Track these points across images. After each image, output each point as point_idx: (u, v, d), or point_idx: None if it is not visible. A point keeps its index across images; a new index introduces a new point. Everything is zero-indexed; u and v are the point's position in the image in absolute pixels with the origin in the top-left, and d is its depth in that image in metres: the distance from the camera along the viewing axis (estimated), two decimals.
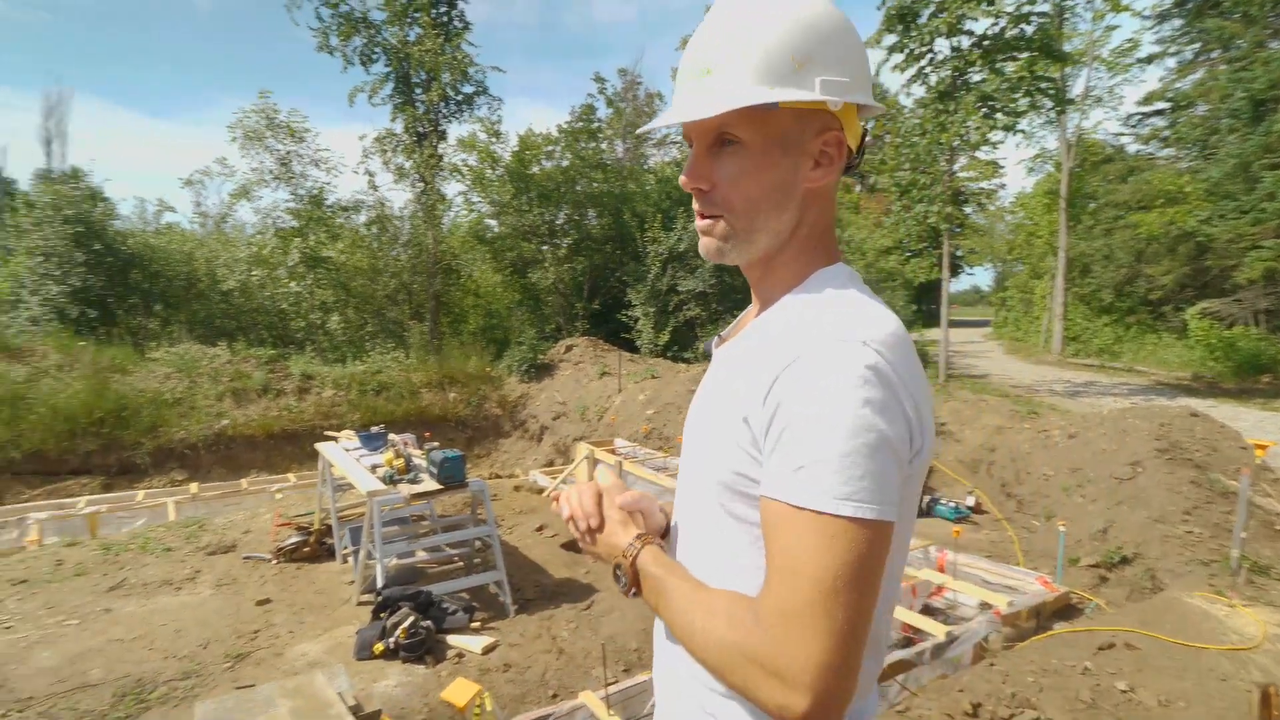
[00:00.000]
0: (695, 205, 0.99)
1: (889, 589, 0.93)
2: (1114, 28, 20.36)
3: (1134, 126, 23.51)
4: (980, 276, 73.85)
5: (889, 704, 3.67)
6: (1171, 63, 21.04)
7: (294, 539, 6.75)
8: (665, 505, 1.24)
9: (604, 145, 17.89)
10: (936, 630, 4.44)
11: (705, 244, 1.00)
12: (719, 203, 0.96)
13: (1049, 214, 24.01)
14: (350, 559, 6.38)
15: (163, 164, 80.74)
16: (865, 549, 0.78)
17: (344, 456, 6.36)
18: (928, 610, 5.28)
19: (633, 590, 1.00)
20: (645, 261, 16.08)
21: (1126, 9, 14.55)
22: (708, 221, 0.98)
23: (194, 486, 9.52)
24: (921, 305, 33.06)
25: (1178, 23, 20.15)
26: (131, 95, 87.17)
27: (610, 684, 3.75)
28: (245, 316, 16.71)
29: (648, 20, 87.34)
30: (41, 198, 14.82)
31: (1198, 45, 20.11)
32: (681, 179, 0.99)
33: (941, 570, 5.62)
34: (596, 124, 17.60)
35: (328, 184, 16.52)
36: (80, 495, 9.22)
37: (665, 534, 1.18)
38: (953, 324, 17.72)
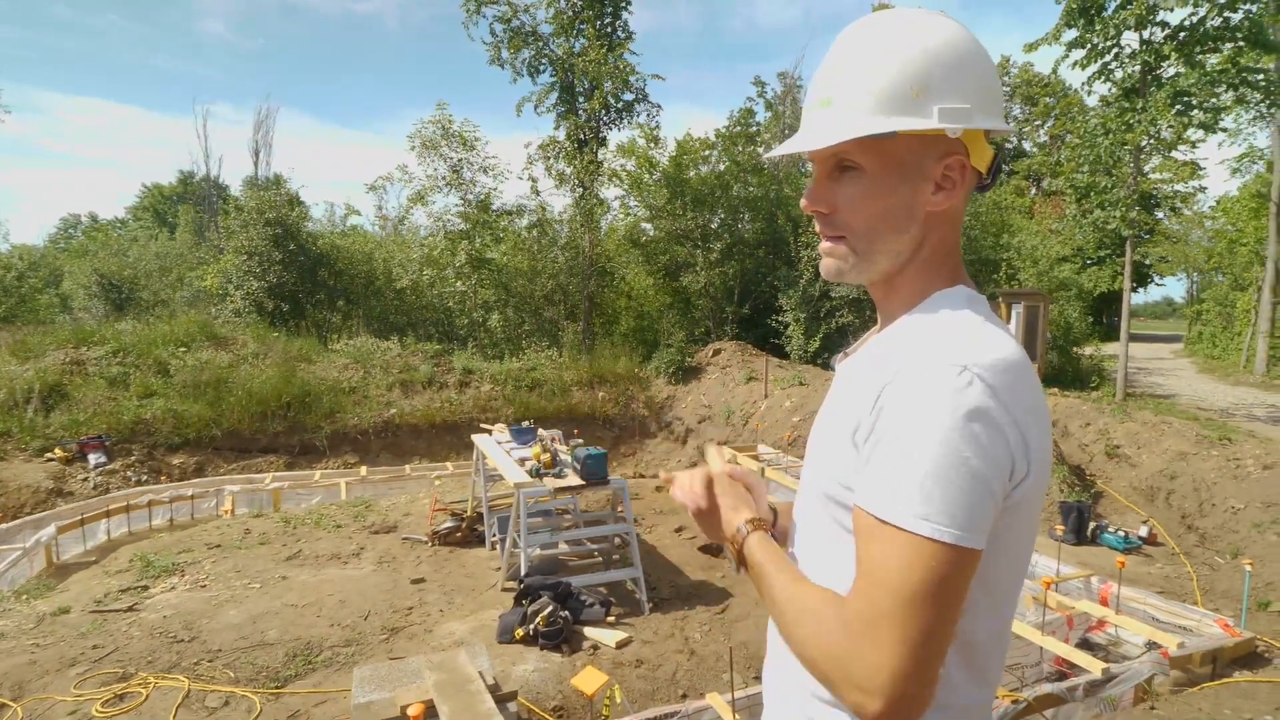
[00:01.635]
0: (817, 227, 1.03)
1: (1000, 613, 0.94)
2: None
3: None
4: (1172, 288, 66.83)
5: None
6: None
7: (448, 524, 7.06)
8: (775, 503, 1.29)
9: (761, 149, 17.63)
10: (1093, 666, 4.20)
11: (826, 265, 1.03)
12: (840, 225, 0.99)
13: (1256, 219, 21.56)
14: (498, 546, 6.59)
15: (350, 171, 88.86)
16: (943, 570, 0.80)
17: (496, 448, 6.60)
18: (1086, 644, 5.05)
19: (741, 570, 1.07)
20: (798, 266, 15.66)
21: None
22: (829, 244, 1.01)
23: (363, 469, 10.27)
24: (1102, 318, 30.47)
25: None
26: (326, 108, 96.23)
27: (738, 690, 3.70)
28: (415, 313, 17.92)
29: (813, 21, 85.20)
30: (248, 203, 16.64)
31: None
32: (802, 203, 1.02)
33: (1104, 603, 5.27)
34: (755, 128, 17.39)
35: (494, 189, 17.35)
36: (267, 472, 10.15)
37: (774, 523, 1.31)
38: (1138, 338, 16.02)
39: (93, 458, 9.39)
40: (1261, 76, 11.62)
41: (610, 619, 5.26)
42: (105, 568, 6.47)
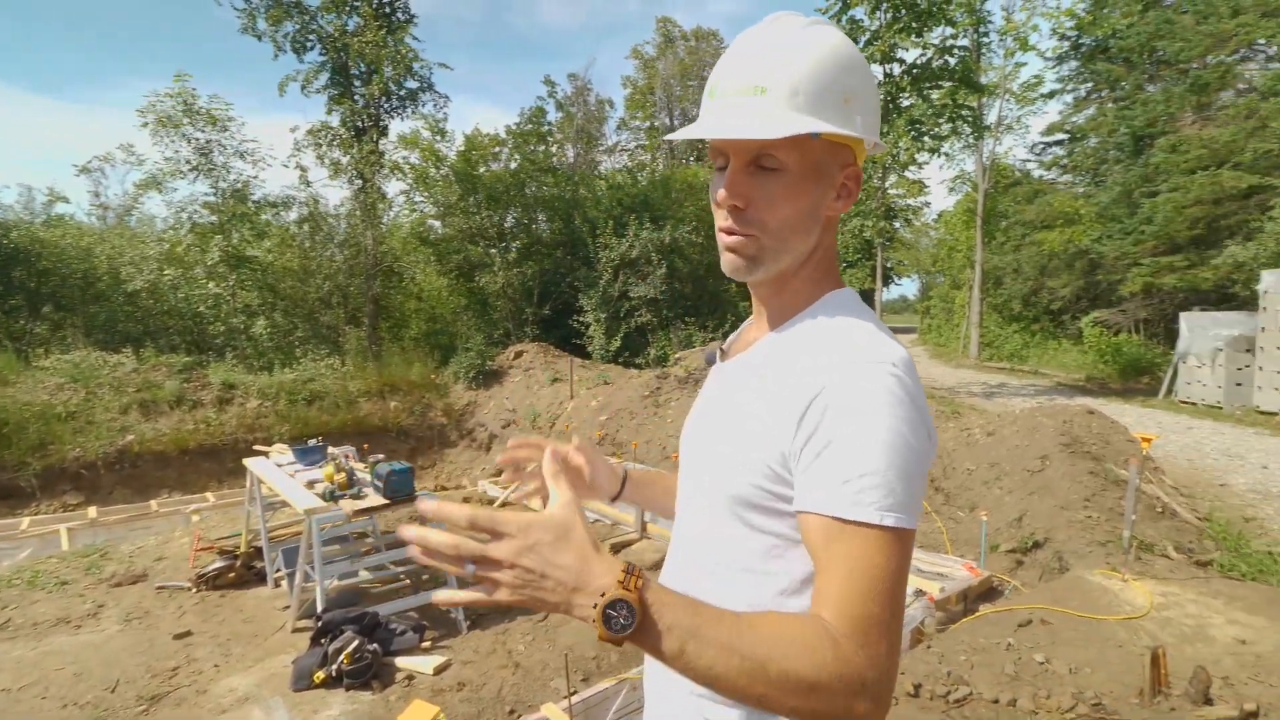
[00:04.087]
0: (724, 222, 0.98)
1: None
2: (1022, 65, 23.78)
3: (1038, 154, 26.15)
4: (907, 287, 77.54)
5: None
6: (1069, 98, 23.57)
7: (217, 564, 6.07)
8: (626, 469, 1.31)
9: (554, 149, 17.31)
10: None
11: (730, 260, 1.00)
12: (753, 221, 0.96)
13: (967, 230, 25.57)
14: (284, 583, 5.84)
15: (54, 149, 72.32)
16: (904, 555, 0.82)
17: (277, 472, 5.83)
18: None
19: (627, 632, 0.77)
20: (597, 267, 15.72)
21: (1032, 49, 17.18)
22: (738, 239, 0.98)
23: (92, 510, 8.63)
24: None
25: (1074, 64, 22.69)
26: (16, 71, 75.75)
27: (572, 694, 3.68)
28: (155, 320, 15.28)
29: (596, 24, 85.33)
30: None
31: (1090, 84, 22.77)
32: (719, 194, 0.96)
33: None
34: (546, 127, 17.11)
35: (254, 178, 15.14)
36: None
37: (619, 493, 1.29)
38: None
39: None
40: (970, 112, 14.04)
41: (425, 644, 4.91)
42: None
